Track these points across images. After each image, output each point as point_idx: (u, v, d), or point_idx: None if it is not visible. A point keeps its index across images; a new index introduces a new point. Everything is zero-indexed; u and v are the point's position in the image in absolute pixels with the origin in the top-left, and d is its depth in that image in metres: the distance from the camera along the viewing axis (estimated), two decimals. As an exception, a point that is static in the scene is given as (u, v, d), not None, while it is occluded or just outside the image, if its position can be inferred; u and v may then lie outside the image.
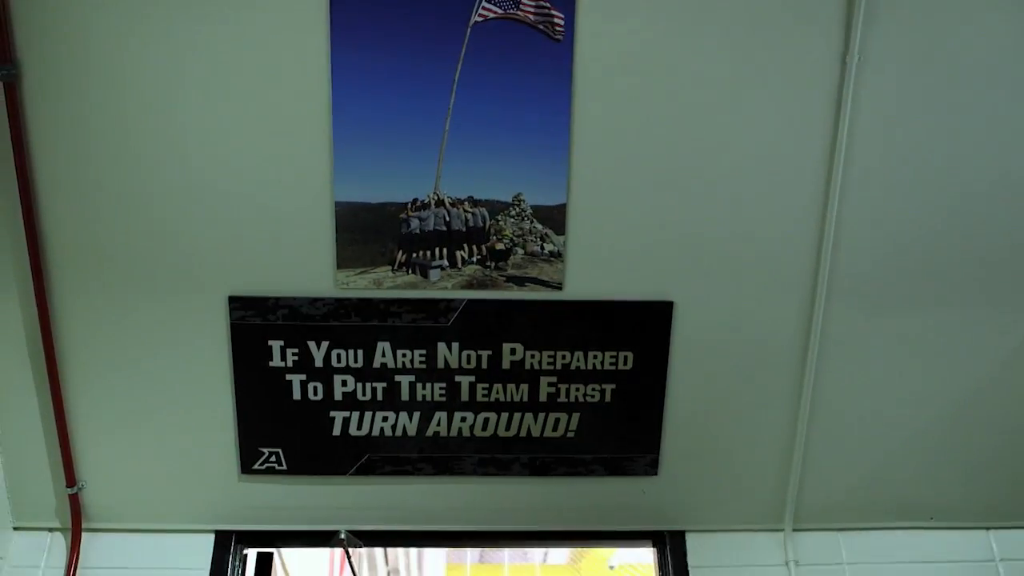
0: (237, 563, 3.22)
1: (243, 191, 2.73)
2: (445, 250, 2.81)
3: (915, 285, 2.95)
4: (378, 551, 8.50)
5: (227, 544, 3.21)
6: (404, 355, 2.94)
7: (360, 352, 2.93)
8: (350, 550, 3.26)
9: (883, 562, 3.28)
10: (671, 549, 3.29)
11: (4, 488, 3.11)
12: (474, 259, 2.83)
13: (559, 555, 10.22)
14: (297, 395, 2.98)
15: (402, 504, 3.19)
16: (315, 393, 2.98)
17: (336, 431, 3.04)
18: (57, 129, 2.66)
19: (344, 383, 2.97)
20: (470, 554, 10.30)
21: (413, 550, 9.92)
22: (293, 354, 2.93)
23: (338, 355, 2.94)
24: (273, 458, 3.08)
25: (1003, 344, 3.06)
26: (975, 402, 3.15)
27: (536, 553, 10.24)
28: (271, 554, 3.37)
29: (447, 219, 2.77)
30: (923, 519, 3.33)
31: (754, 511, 3.29)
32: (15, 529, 3.18)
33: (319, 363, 2.94)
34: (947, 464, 3.26)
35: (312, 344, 2.92)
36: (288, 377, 2.96)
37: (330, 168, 2.69)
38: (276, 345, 2.92)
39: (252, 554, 3.33)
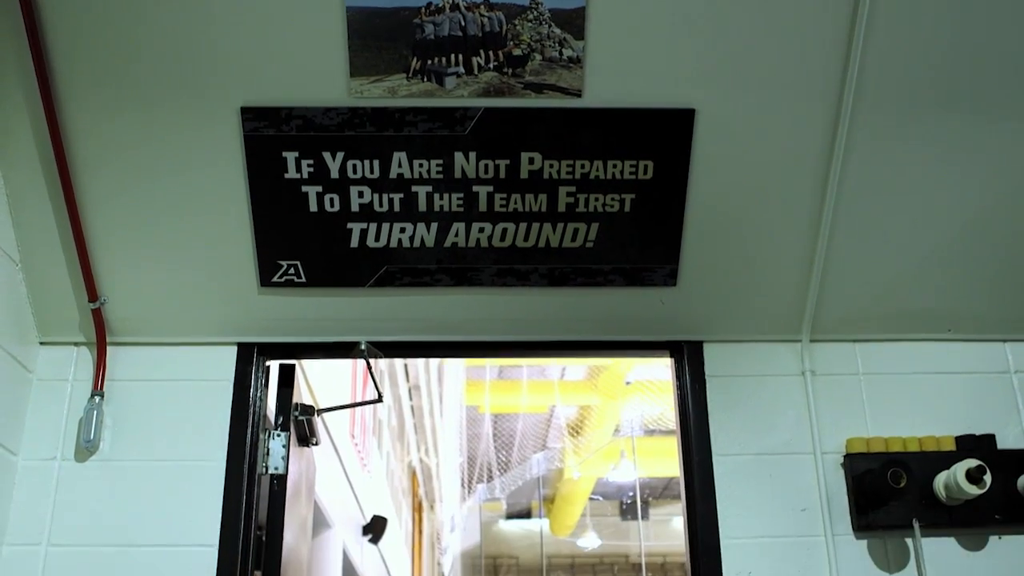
0: (260, 374, 3.27)
1: (252, -2, 2.64)
2: (461, 56, 2.73)
3: (946, 93, 2.84)
4: (399, 366, 8.71)
5: (249, 356, 3.26)
6: (421, 165, 2.89)
7: (376, 163, 2.88)
8: (371, 361, 3.31)
9: (899, 372, 3.32)
10: (688, 359, 3.32)
11: (28, 305, 3.14)
12: (491, 65, 2.74)
13: (576, 372, 10.43)
14: (314, 207, 2.95)
15: (421, 315, 3.21)
16: (332, 205, 2.95)
17: (354, 243, 3.02)
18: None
19: (361, 194, 2.94)
20: (489, 371, 10.53)
21: (433, 366, 10.18)
22: (308, 165, 2.88)
23: (354, 166, 2.89)
24: (292, 271, 3.08)
25: (1031, 156, 2.99)
26: (997, 214, 3.10)
27: (554, 370, 10.45)
28: (293, 366, 3.43)
29: (463, 24, 2.68)
30: (940, 331, 3.34)
31: (772, 322, 3.30)
32: (41, 344, 3.23)
33: (335, 174, 2.90)
34: (966, 276, 3.24)
35: (327, 155, 2.87)
36: (304, 189, 2.92)
37: (340, -30, 2.59)
38: (291, 156, 2.87)
39: (274, 366, 3.39)
